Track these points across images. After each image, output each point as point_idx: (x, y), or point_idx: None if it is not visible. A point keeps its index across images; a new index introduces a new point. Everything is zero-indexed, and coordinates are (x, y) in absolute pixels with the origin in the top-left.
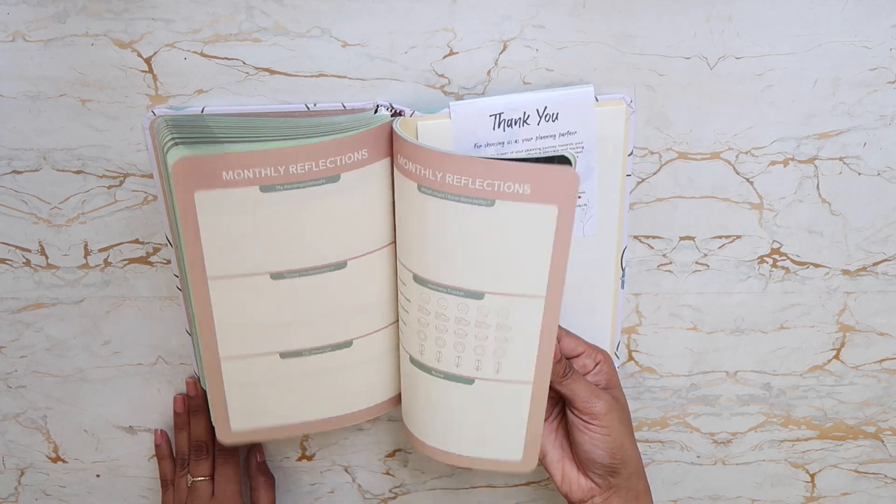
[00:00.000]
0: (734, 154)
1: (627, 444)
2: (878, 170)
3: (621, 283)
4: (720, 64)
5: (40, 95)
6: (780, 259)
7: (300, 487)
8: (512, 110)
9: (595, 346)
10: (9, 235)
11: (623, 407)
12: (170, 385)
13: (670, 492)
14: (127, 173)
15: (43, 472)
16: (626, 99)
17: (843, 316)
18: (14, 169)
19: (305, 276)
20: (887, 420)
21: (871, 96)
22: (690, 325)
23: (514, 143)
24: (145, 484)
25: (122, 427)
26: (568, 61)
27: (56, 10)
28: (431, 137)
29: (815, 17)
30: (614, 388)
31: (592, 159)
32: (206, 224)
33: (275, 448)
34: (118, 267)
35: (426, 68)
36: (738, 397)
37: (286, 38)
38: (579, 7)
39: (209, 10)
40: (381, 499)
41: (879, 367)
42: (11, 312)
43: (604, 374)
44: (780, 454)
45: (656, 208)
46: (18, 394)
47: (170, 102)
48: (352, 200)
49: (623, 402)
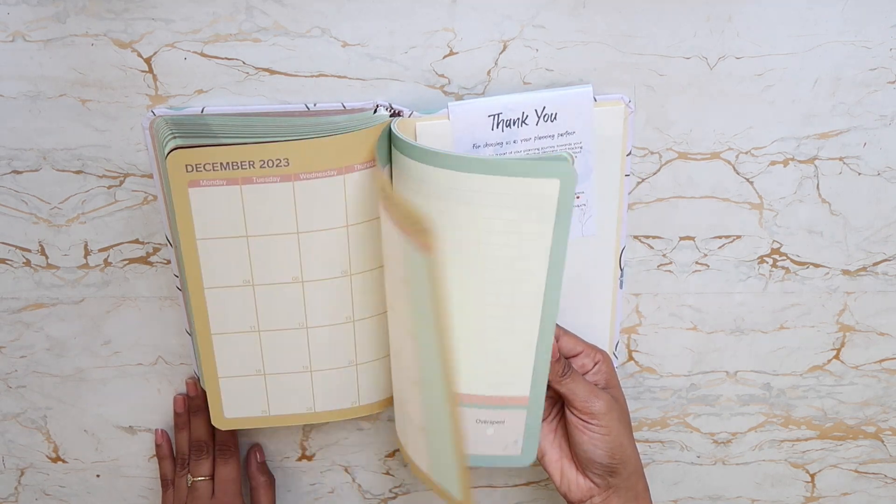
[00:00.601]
0: (734, 154)
1: (627, 444)
2: (878, 170)
3: (620, 283)
4: (720, 64)
5: (40, 95)
6: (780, 259)
7: (300, 487)
8: (510, 111)
9: (594, 346)
10: (9, 235)
11: (622, 407)
12: (170, 385)
13: (670, 492)
14: (127, 173)
15: (43, 472)
16: (624, 99)
17: (843, 316)
18: (14, 169)
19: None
20: (887, 420)
21: (871, 96)
22: (690, 325)
23: (513, 144)
24: (145, 484)
25: (122, 427)
26: (568, 61)
27: (56, 10)
28: (430, 138)
29: (815, 17)
30: (613, 388)
31: (591, 159)
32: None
33: (275, 448)
34: (118, 267)
35: (426, 68)
36: (738, 397)
37: (286, 38)
38: (579, 7)
39: (209, 10)
40: (381, 499)
41: (879, 367)
42: (11, 312)
43: (603, 374)
44: (780, 454)
45: (656, 208)
46: (18, 394)
47: (170, 102)
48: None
49: (622, 402)
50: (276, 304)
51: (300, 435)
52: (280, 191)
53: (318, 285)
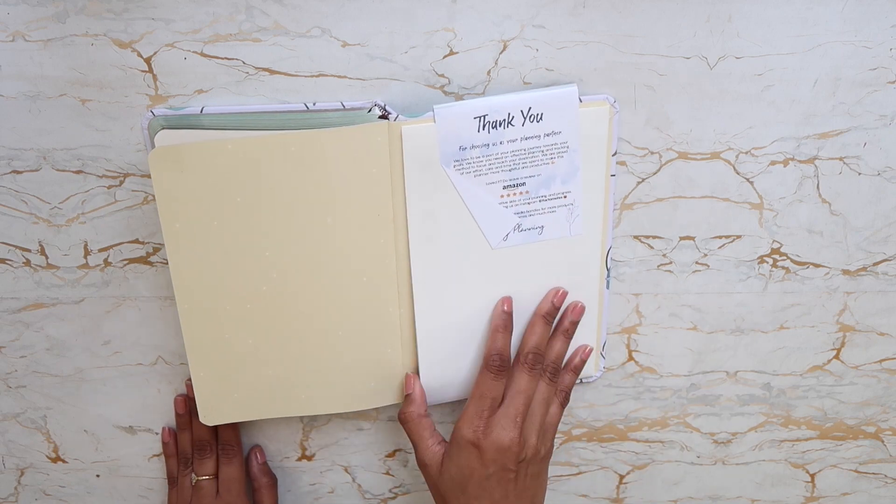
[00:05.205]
0: (734, 154)
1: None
2: (878, 170)
3: (607, 282)
4: (720, 64)
5: (40, 95)
6: (780, 259)
7: (300, 487)
8: (496, 112)
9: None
10: (9, 235)
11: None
12: (170, 385)
13: (670, 492)
14: (127, 173)
15: (43, 472)
16: (609, 99)
17: (843, 316)
18: (14, 169)
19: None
20: (887, 420)
21: (871, 96)
22: (690, 325)
23: (500, 145)
24: (145, 484)
25: (122, 427)
26: (568, 61)
27: (56, 10)
28: (416, 141)
29: (815, 17)
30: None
31: (577, 158)
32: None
33: (275, 448)
34: (118, 267)
35: (426, 68)
36: (738, 397)
37: (286, 38)
38: (579, 7)
39: (209, 10)
40: (381, 499)
41: (879, 367)
42: (11, 312)
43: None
44: (780, 454)
45: (656, 208)
46: (18, 394)
47: (170, 102)
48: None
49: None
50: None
51: (300, 435)
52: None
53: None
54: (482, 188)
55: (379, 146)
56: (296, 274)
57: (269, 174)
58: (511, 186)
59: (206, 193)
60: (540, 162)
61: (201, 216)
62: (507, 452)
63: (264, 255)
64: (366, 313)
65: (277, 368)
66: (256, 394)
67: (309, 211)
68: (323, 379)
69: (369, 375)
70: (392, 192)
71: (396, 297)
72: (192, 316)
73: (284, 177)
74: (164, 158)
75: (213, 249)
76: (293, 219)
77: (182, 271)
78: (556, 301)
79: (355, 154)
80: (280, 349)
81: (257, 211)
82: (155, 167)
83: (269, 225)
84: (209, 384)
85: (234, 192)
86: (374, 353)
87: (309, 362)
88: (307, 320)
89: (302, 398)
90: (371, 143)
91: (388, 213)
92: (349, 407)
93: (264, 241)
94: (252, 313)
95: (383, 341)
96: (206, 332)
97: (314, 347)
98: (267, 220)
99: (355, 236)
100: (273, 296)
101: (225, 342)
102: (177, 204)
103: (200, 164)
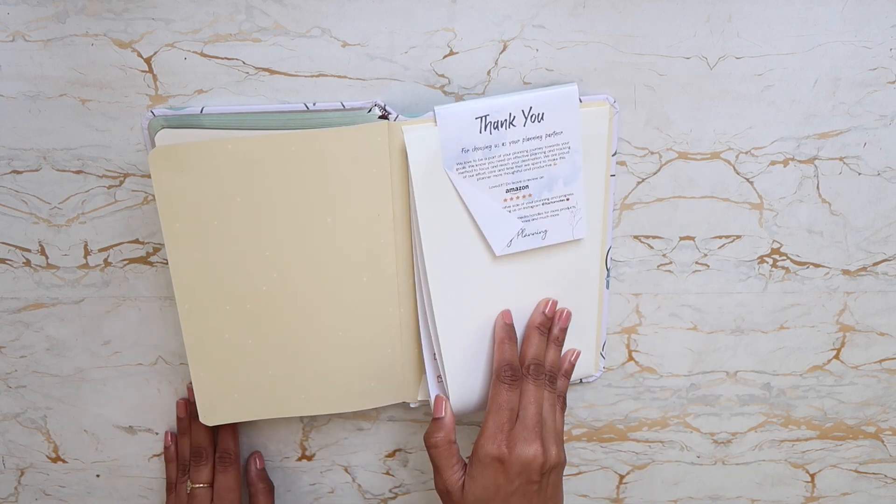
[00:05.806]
0: (734, 154)
1: None
2: (878, 170)
3: (606, 283)
4: (720, 64)
5: (40, 95)
6: (780, 259)
7: (300, 487)
8: (497, 112)
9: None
10: (9, 235)
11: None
12: (170, 385)
13: (670, 492)
14: (127, 173)
15: (43, 472)
16: (609, 99)
17: (843, 316)
18: (14, 169)
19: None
20: (887, 420)
21: (871, 96)
22: (690, 325)
23: (502, 147)
24: (145, 484)
25: (122, 427)
26: (568, 61)
27: (56, 10)
28: (417, 143)
29: (815, 17)
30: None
31: (579, 158)
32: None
33: (275, 448)
34: (118, 267)
35: (426, 68)
36: (738, 397)
37: (286, 38)
38: (579, 7)
39: (209, 10)
40: (381, 499)
41: (879, 367)
42: (11, 312)
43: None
44: (780, 454)
45: (656, 208)
46: (18, 394)
47: (170, 102)
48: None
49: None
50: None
51: (300, 435)
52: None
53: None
54: (485, 192)
55: (379, 146)
56: (296, 274)
57: (270, 174)
58: (514, 189)
59: (206, 193)
60: (542, 164)
61: (201, 216)
62: (532, 464)
63: (264, 255)
64: (366, 313)
65: (277, 368)
66: (256, 394)
67: (309, 211)
68: (323, 379)
69: (369, 375)
70: (392, 192)
71: (396, 297)
72: (192, 316)
73: (284, 177)
74: (164, 158)
75: (213, 249)
76: (293, 219)
77: (182, 271)
78: (548, 311)
79: (355, 154)
80: (280, 349)
81: (257, 211)
82: (155, 167)
83: (269, 225)
84: (209, 384)
85: (234, 192)
86: (374, 353)
87: (309, 362)
88: (307, 320)
89: (302, 398)
90: (371, 144)
91: (388, 214)
92: (349, 407)
93: (264, 241)
94: (252, 313)
95: (383, 341)
96: (206, 332)
97: (314, 347)
98: (267, 220)
99: (355, 236)
100: (273, 296)
101: (225, 342)
102: (177, 204)
103: (200, 164)
